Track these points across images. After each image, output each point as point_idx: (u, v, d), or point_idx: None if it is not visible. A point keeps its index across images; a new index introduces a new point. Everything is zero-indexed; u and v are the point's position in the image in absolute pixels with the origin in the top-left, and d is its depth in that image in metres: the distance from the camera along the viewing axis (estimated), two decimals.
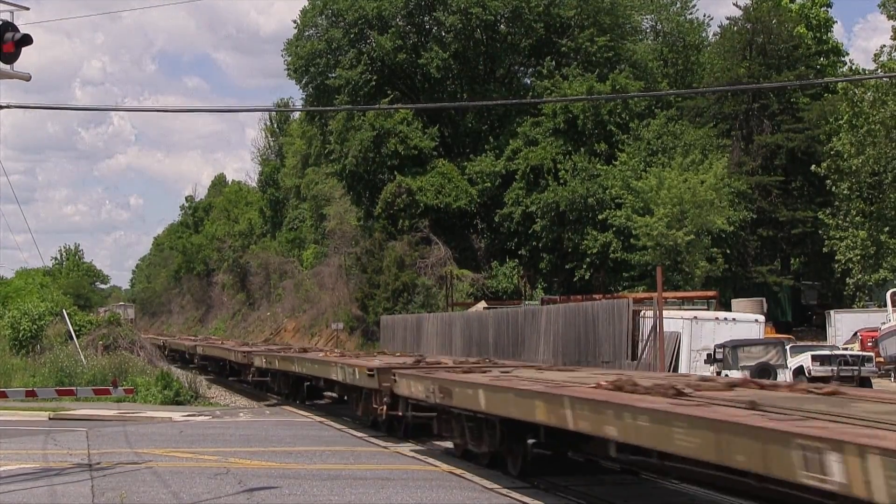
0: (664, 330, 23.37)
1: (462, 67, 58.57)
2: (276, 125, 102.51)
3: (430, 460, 15.72)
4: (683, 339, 26.32)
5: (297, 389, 27.71)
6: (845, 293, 50.29)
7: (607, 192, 49.12)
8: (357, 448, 17.66)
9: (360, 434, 19.81)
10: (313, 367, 24.26)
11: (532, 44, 57.76)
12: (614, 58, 56.29)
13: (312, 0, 59.43)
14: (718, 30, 60.95)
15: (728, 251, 48.61)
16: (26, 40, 13.62)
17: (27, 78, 14.38)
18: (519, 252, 54.24)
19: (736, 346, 25.05)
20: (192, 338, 68.41)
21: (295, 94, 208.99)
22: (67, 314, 37.03)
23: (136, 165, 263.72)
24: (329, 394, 26.25)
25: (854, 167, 47.74)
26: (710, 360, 24.93)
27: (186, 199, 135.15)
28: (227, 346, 43.42)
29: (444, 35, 57.42)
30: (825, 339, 42.89)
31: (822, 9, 62.58)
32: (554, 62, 56.70)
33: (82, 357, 31.97)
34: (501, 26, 58.20)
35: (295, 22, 60.48)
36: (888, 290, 37.51)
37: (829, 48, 61.99)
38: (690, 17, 64.28)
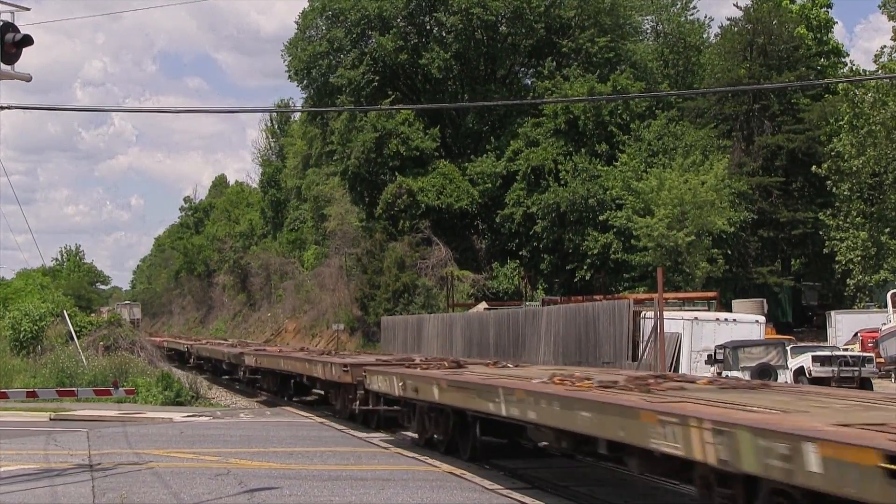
0: (665, 331, 23.38)
1: (463, 68, 58.63)
2: (276, 126, 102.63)
3: (431, 460, 15.69)
4: (684, 339, 26.33)
5: (462, 429, 16.41)
6: (846, 294, 50.29)
7: (608, 192, 49.13)
8: (358, 449, 17.66)
9: (361, 435, 19.81)
10: (566, 418, 11.49)
11: (533, 44, 57.81)
12: (615, 58, 56.34)
13: (312, 1, 59.51)
14: (719, 31, 61.09)
15: (729, 252, 48.61)
16: (27, 41, 13.63)
17: (28, 79, 14.38)
18: (520, 253, 54.25)
19: (736, 346, 25.05)
20: (223, 341, 58.64)
21: (296, 94, 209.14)
22: (68, 315, 37.08)
23: (136, 166, 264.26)
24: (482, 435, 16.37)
25: (854, 168, 47.75)
26: (711, 360, 24.95)
27: (185, 199, 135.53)
28: (298, 355, 30.66)
29: (445, 35, 57.48)
30: (826, 339, 42.87)
31: (823, 9, 62.59)
32: (554, 63, 56.75)
33: (83, 358, 32.01)
34: (502, 27, 58.23)
35: (296, 22, 60.64)
36: (889, 290, 37.51)
37: (829, 49, 62.00)
38: (691, 17, 64.42)
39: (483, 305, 44.98)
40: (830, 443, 7.21)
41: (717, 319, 27.86)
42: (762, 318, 29.10)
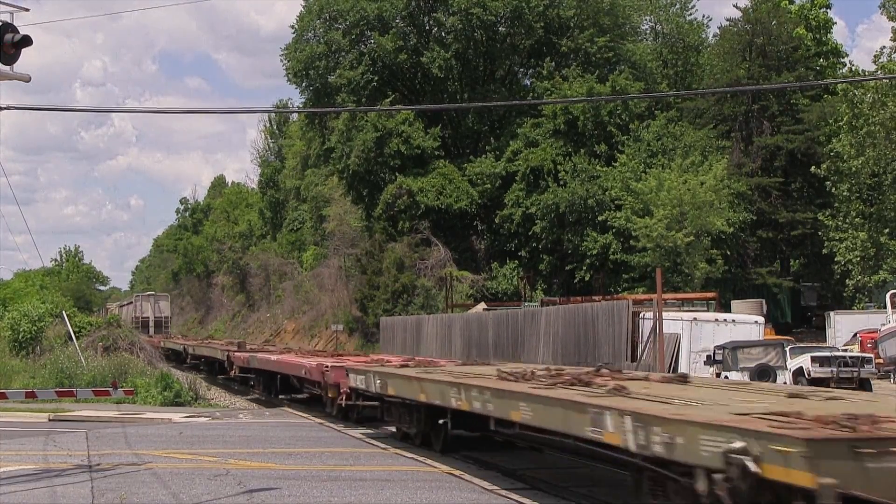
0: (664, 331, 23.39)
1: (462, 68, 58.63)
2: (275, 126, 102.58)
3: (430, 461, 15.69)
4: (683, 340, 26.35)
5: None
6: (845, 294, 50.30)
7: (607, 193, 49.13)
8: (357, 449, 17.65)
9: (359, 435, 19.80)
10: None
11: (532, 44, 57.83)
12: (614, 59, 56.38)
13: (309, 4, 59.43)
14: (718, 30, 61.11)
15: (728, 252, 48.62)
16: (26, 41, 13.61)
17: (27, 79, 14.37)
18: (519, 253, 54.23)
19: (735, 347, 25.06)
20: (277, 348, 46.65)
21: (294, 94, 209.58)
22: (67, 315, 37.06)
23: (136, 166, 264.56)
24: None
25: (854, 168, 47.79)
26: (710, 361, 24.96)
27: (181, 201, 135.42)
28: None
29: (445, 36, 57.47)
30: (825, 340, 42.89)
31: (822, 10, 62.65)
32: (554, 63, 56.74)
33: (82, 358, 31.98)
34: (501, 27, 58.25)
35: (293, 27, 60.53)
36: (888, 291, 37.53)
37: (828, 49, 62.06)
38: (690, 18, 64.40)
39: (482, 306, 44.97)
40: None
41: (717, 320, 27.89)
42: (761, 319, 29.11)
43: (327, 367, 21.97)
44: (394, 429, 19.39)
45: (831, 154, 49.34)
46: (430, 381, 15.60)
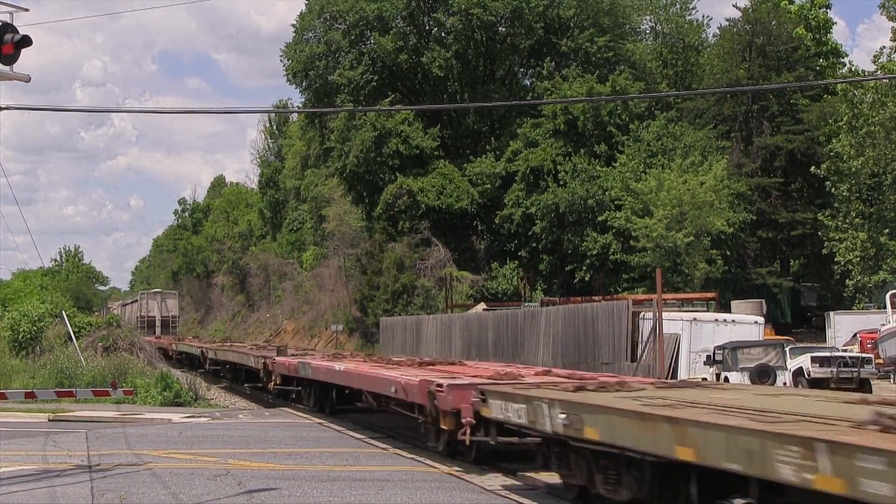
0: (664, 331, 23.37)
1: (463, 68, 58.61)
2: (275, 127, 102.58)
3: (429, 461, 15.69)
4: (683, 340, 26.33)
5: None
6: (845, 295, 50.29)
7: (607, 193, 49.12)
8: (356, 450, 17.64)
9: (358, 436, 19.79)
10: None
11: (532, 44, 57.81)
12: (614, 58, 56.36)
13: (310, 4, 59.45)
14: (718, 31, 61.10)
15: (727, 253, 48.59)
16: (26, 41, 13.60)
17: (27, 79, 14.36)
18: (519, 253, 54.23)
19: (735, 347, 25.04)
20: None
21: (294, 94, 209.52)
22: (67, 316, 37.04)
23: (136, 166, 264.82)
24: None
25: (854, 168, 47.79)
26: (710, 361, 24.95)
27: (179, 202, 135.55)
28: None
29: (445, 36, 57.46)
30: (825, 340, 42.86)
31: (822, 10, 62.65)
32: (554, 63, 56.73)
33: (82, 358, 31.96)
34: (501, 27, 58.24)
35: (293, 26, 60.56)
36: (888, 291, 37.50)
37: (828, 49, 62.06)
38: (690, 18, 64.40)
39: (482, 306, 44.96)
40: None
41: (716, 320, 27.85)
42: (761, 319, 29.09)
43: (441, 386, 14.89)
44: (553, 477, 12.83)
45: (831, 154, 49.34)
46: (711, 427, 8.10)
